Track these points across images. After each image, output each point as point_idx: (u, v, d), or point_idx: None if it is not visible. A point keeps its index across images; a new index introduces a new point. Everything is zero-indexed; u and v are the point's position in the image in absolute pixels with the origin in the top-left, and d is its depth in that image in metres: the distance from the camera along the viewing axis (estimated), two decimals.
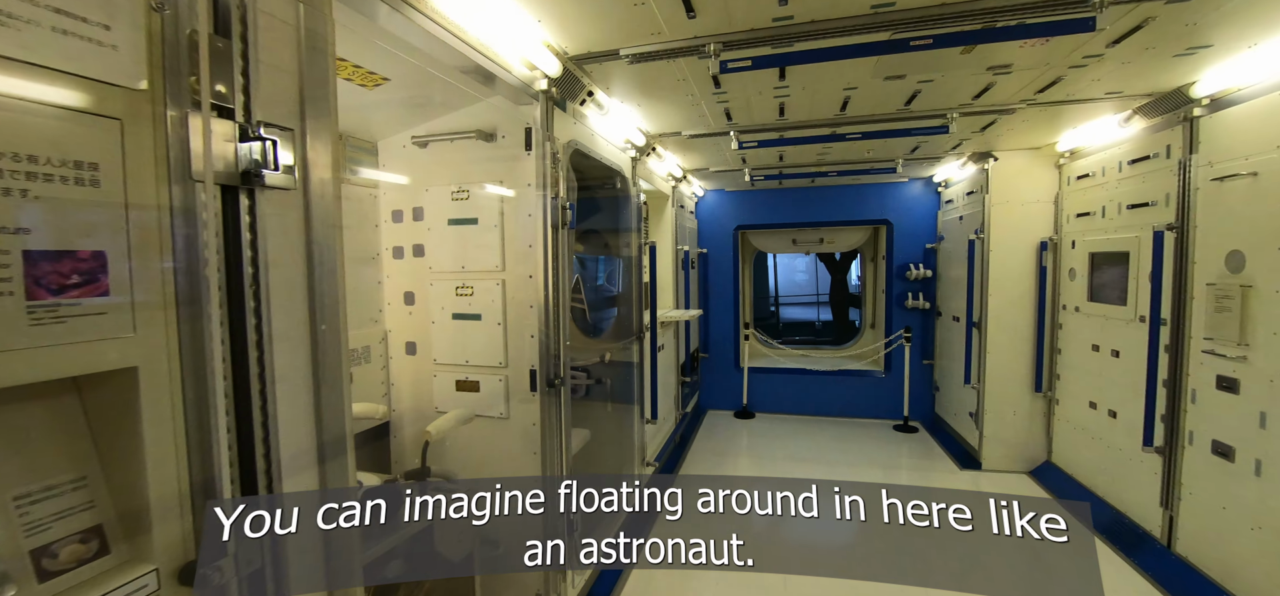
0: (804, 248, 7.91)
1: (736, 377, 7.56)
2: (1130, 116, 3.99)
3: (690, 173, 6.00)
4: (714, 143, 4.48)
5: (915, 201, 6.96)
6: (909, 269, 6.94)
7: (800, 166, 5.72)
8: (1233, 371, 3.19)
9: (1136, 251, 4.03)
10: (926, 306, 6.91)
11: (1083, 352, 4.72)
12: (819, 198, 7.19)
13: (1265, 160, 2.98)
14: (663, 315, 5.22)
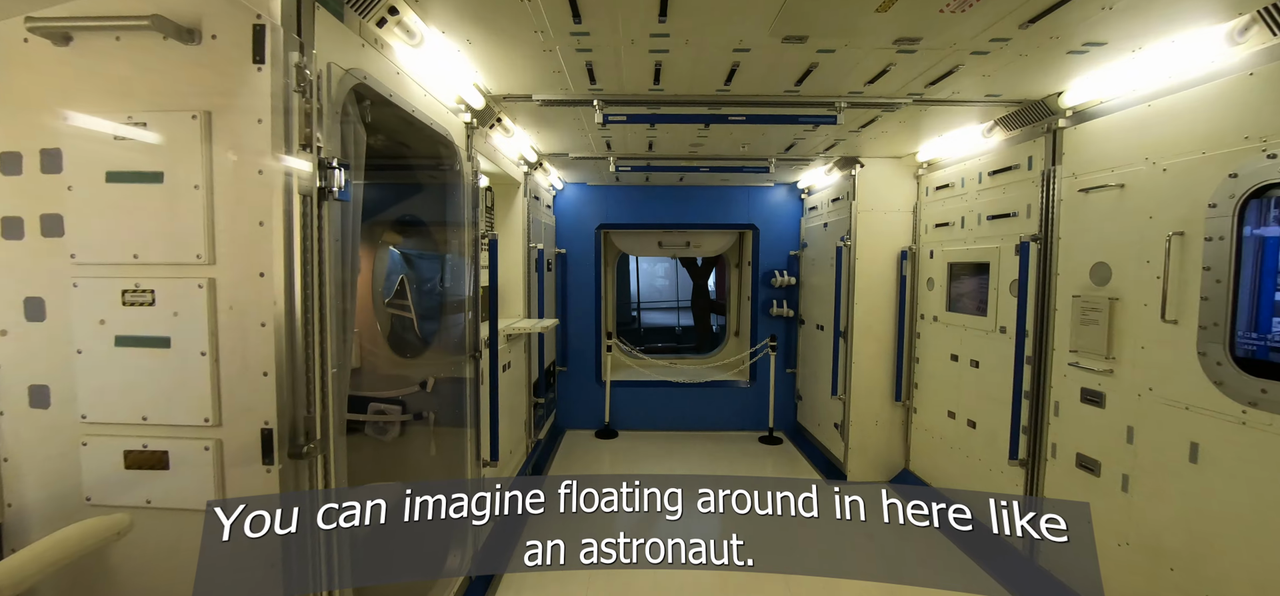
0: (670, 251, 7.43)
1: (598, 393, 6.83)
2: (992, 127, 3.95)
3: (547, 158, 5.13)
4: (574, 116, 3.67)
5: (780, 207, 6.81)
6: (774, 275, 6.76)
7: (671, 158, 5.15)
8: (1098, 384, 3.14)
9: (997, 262, 4.00)
10: (790, 314, 6.78)
11: (941, 362, 4.70)
12: (687, 198, 6.74)
13: (1132, 172, 2.93)
14: (510, 326, 4.29)
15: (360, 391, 3.30)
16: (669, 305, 17.56)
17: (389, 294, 3.86)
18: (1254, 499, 2.38)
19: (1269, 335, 2.32)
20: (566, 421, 6.89)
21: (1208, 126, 2.55)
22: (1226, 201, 2.45)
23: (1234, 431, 2.45)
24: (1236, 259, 2.42)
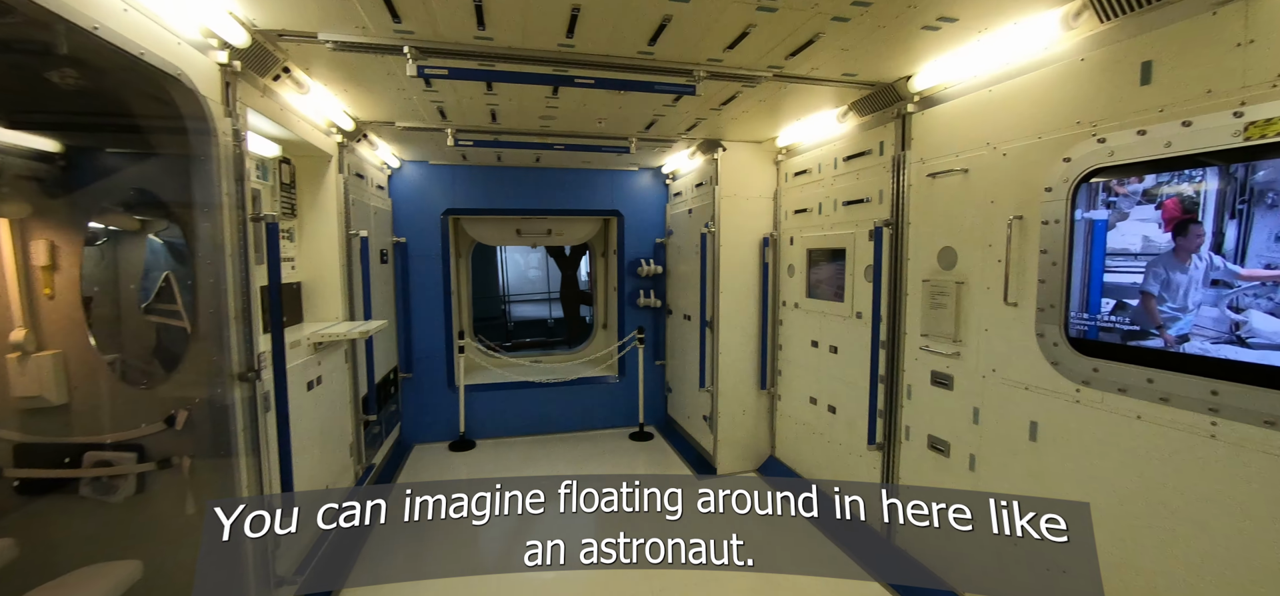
0: (531, 239, 6.83)
1: (451, 400, 6.07)
2: (846, 112, 3.93)
3: (369, 127, 4.28)
4: (385, 69, 2.96)
5: (645, 193, 6.52)
6: (640, 265, 6.47)
7: (521, 133, 4.56)
8: (947, 367, 3.18)
9: (853, 247, 4.01)
10: (658, 304, 6.55)
11: (803, 348, 4.70)
12: (546, 182, 6.19)
13: (976, 157, 2.96)
14: (321, 332, 3.45)
15: (69, 437, 2.36)
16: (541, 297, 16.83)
17: (148, 297, 2.87)
18: (1086, 474, 2.46)
19: (1099, 315, 2.38)
20: (414, 435, 6.04)
21: (1044, 111, 2.60)
22: (1061, 185, 2.50)
23: (1069, 409, 2.52)
24: (1070, 242, 2.48)
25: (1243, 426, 1.94)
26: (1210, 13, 2.01)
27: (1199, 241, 2.05)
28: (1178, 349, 2.13)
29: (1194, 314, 2.08)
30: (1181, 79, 2.09)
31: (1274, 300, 1.88)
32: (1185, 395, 2.08)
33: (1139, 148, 2.20)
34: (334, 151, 3.89)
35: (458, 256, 6.73)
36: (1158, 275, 2.18)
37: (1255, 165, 1.91)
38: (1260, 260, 1.91)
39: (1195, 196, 2.08)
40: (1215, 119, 1.98)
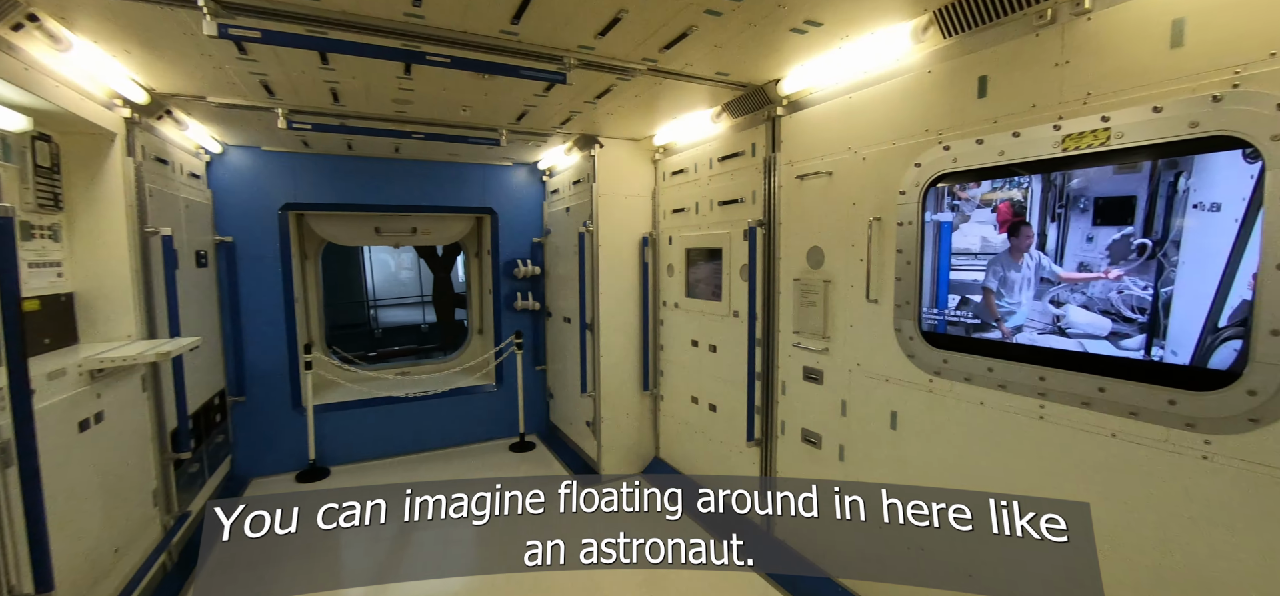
0: (392, 239, 6.18)
1: (298, 423, 5.28)
2: (720, 113, 3.95)
3: (171, 102, 3.52)
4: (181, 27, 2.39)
5: (521, 190, 6.18)
6: (517, 265, 6.13)
7: (372, 118, 4.04)
8: (817, 363, 3.30)
9: (729, 247, 4.05)
10: (537, 307, 6.25)
11: (683, 348, 4.70)
12: (410, 175, 5.61)
13: (839, 160, 3.08)
14: (101, 356, 2.74)
15: None
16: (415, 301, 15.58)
17: None
18: (936, 457, 2.64)
19: (947, 310, 2.56)
20: (250, 468, 5.17)
21: (897, 119, 2.75)
22: (913, 189, 2.65)
23: (923, 398, 2.69)
24: (922, 242, 2.64)
25: (1064, 407, 2.16)
26: (1033, 34, 2.22)
27: (1029, 241, 2.26)
28: (1013, 340, 2.34)
29: (1027, 308, 2.29)
30: (1011, 94, 2.29)
31: (1086, 295, 2.10)
32: (1019, 381, 2.29)
33: (977, 155, 2.38)
34: (119, 129, 3.12)
35: (303, 258, 5.90)
36: (996, 273, 2.38)
37: (1071, 173, 2.13)
38: (1075, 259, 2.13)
39: (1024, 201, 2.29)
40: (1039, 131, 2.18)
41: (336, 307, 13.67)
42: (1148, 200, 1.95)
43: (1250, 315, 1.70)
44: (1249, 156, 1.71)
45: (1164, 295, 1.91)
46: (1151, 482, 1.94)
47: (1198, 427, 1.81)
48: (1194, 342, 1.84)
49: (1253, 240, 1.71)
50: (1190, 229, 1.84)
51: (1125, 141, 1.95)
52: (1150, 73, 1.90)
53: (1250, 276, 1.72)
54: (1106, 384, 2.02)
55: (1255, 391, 1.69)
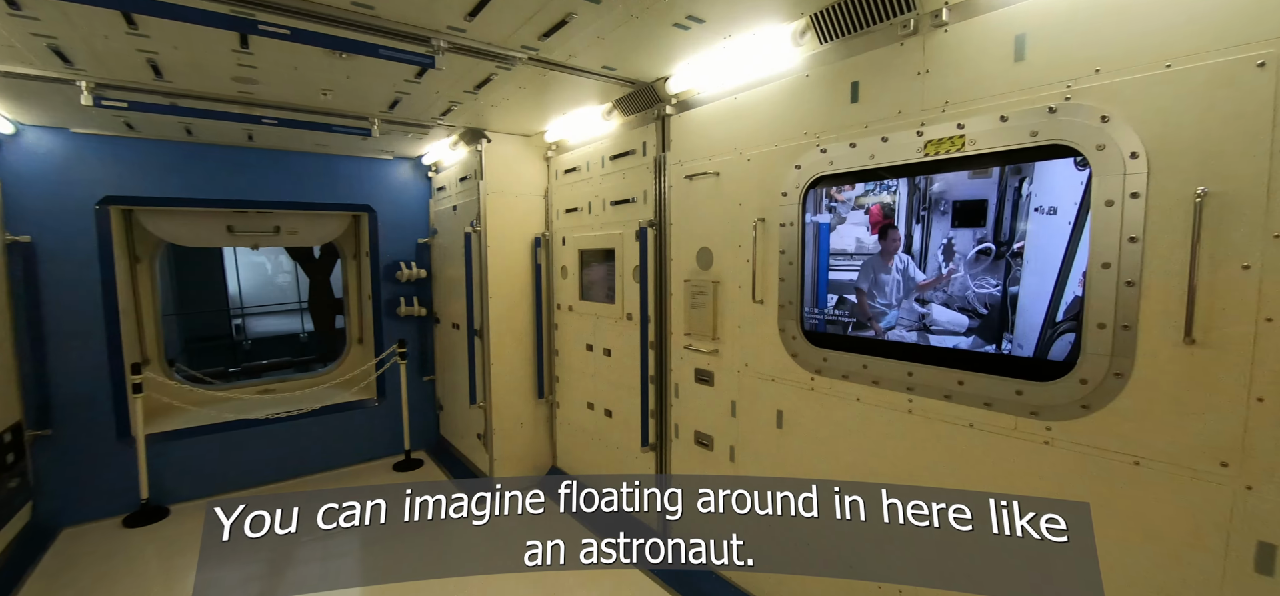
0: (249, 239, 5.45)
1: (126, 457, 4.49)
2: (611, 110, 3.84)
3: None
4: None
5: (405, 187, 5.71)
6: (400, 268, 5.65)
7: (212, 98, 3.49)
8: (708, 365, 3.28)
9: (621, 248, 3.95)
10: (423, 313, 5.80)
11: (578, 353, 4.54)
12: (266, 165, 4.98)
13: (726, 161, 3.07)
14: None
15: None
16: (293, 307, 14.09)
17: None
18: (821, 454, 2.70)
19: (826, 310, 2.61)
20: (60, 515, 4.31)
21: (779, 121, 2.77)
22: (794, 191, 2.69)
23: (806, 396, 2.73)
24: (803, 242, 2.68)
25: (929, 400, 2.26)
26: (898, 43, 2.30)
27: (896, 245, 2.35)
28: (885, 338, 2.42)
29: (896, 308, 2.38)
30: (880, 100, 2.37)
31: (947, 293, 2.21)
32: (891, 377, 2.37)
33: (851, 158, 2.45)
34: None
35: (133, 261, 5.04)
36: (868, 275, 2.45)
37: (932, 178, 2.23)
38: (937, 260, 2.24)
39: (893, 204, 2.37)
40: (904, 136, 2.27)
41: (194, 318, 12.01)
42: (997, 204, 2.08)
43: (1081, 310, 1.85)
44: (1080, 164, 1.86)
45: (1012, 293, 2.04)
46: (1005, 467, 2.07)
47: (1041, 415, 1.95)
48: (1036, 336, 1.98)
49: (1083, 241, 1.86)
50: (1032, 231, 1.98)
51: (978, 148, 2.06)
52: (997, 84, 2.03)
53: (1081, 275, 1.86)
54: (965, 377, 2.14)
55: (1086, 380, 1.84)
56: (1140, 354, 1.74)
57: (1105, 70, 1.78)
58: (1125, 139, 1.74)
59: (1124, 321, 1.75)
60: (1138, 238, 1.72)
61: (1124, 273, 1.75)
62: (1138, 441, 1.75)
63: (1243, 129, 1.55)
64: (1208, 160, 1.61)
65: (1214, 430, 1.62)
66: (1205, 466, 1.64)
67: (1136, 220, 1.72)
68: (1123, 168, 1.74)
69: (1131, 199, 1.73)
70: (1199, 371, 1.64)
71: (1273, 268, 1.52)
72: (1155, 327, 1.71)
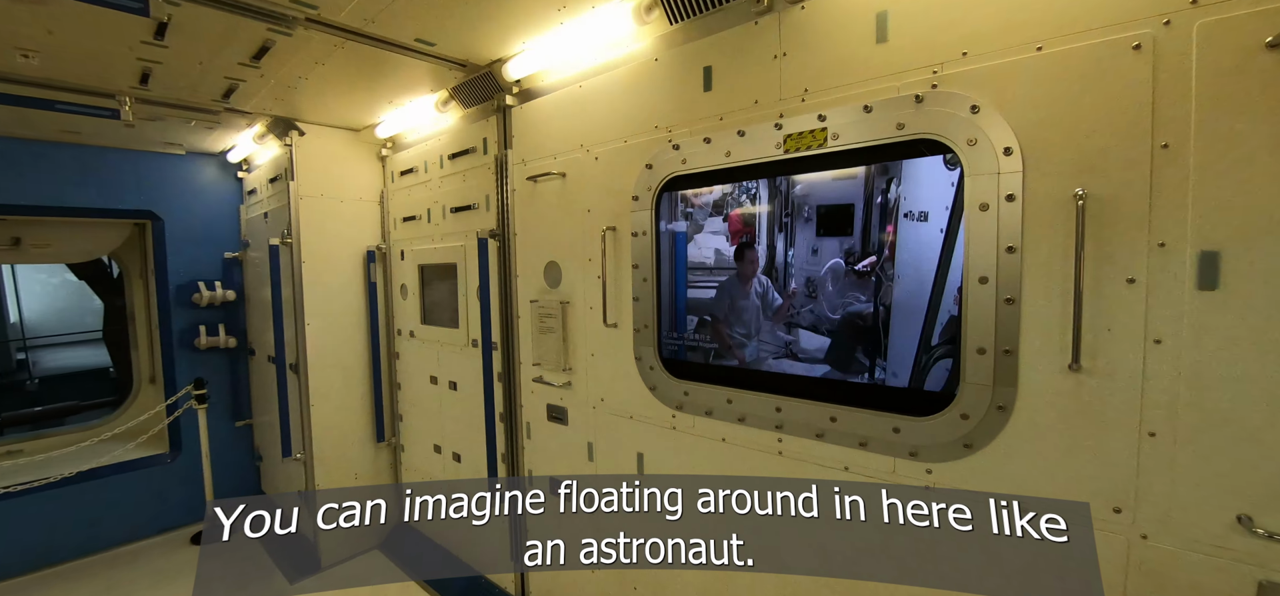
0: None
1: None
2: (448, 101, 3.24)
3: None
4: None
5: (205, 190, 4.64)
6: (198, 290, 4.57)
7: None
8: (561, 400, 2.77)
9: (464, 263, 3.34)
10: (232, 344, 4.74)
11: (423, 386, 3.84)
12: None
13: (571, 160, 2.60)
14: None
15: None
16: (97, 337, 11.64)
17: None
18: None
19: (686, 334, 2.22)
20: None
21: (627, 113, 2.35)
22: (645, 194, 2.27)
23: (667, 436, 2.31)
24: (657, 255, 2.27)
25: (800, 440, 1.92)
26: (753, 22, 1.96)
27: (755, 266, 2.00)
28: (749, 366, 2.06)
29: (756, 337, 2.02)
30: (735, 87, 2.01)
31: (814, 313, 1.89)
32: (758, 413, 2.01)
33: (706, 155, 2.07)
34: None
35: None
36: (724, 300, 2.08)
37: (795, 179, 1.91)
38: (803, 273, 1.91)
39: (754, 211, 2.02)
40: (763, 130, 1.92)
41: None
42: (864, 209, 1.78)
43: (959, 332, 1.57)
44: (949, 162, 1.59)
45: (883, 311, 1.75)
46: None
47: (920, 456, 1.66)
48: (910, 363, 1.70)
49: (956, 251, 1.59)
50: (903, 240, 1.70)
51: (841, 143, 1.75)
52: (859, 69, 1.73)
53: (956, 291, 1.60)
54: (838, 413, 1.81)
55: (968, 415, 1.56)
56: (1023, 383, 1.48)
57: (973, 53, 1.53)
58: (997, 132, 1.48)
59: (1005, 345, 1.49)
60: (1016, 247, 1.47)
61: (1002, 288, 1.49)
62: (1026, 485, 1.50)
63: (1120, 121, 1.34)
64: (1085, 157, 1.38)
65: (1105, 471, 1.39)
66: (1097, 513, 1.40)
67: (1014, 227, 1.47)
68: (996, 166, 1.48)
69: (1007, 202, 1.47)
70: (1086, 402, 1.40)
71: (1159, 281, 1.31)
72: (1038, 352, 1.46)
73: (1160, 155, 1.30)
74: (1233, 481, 1.25)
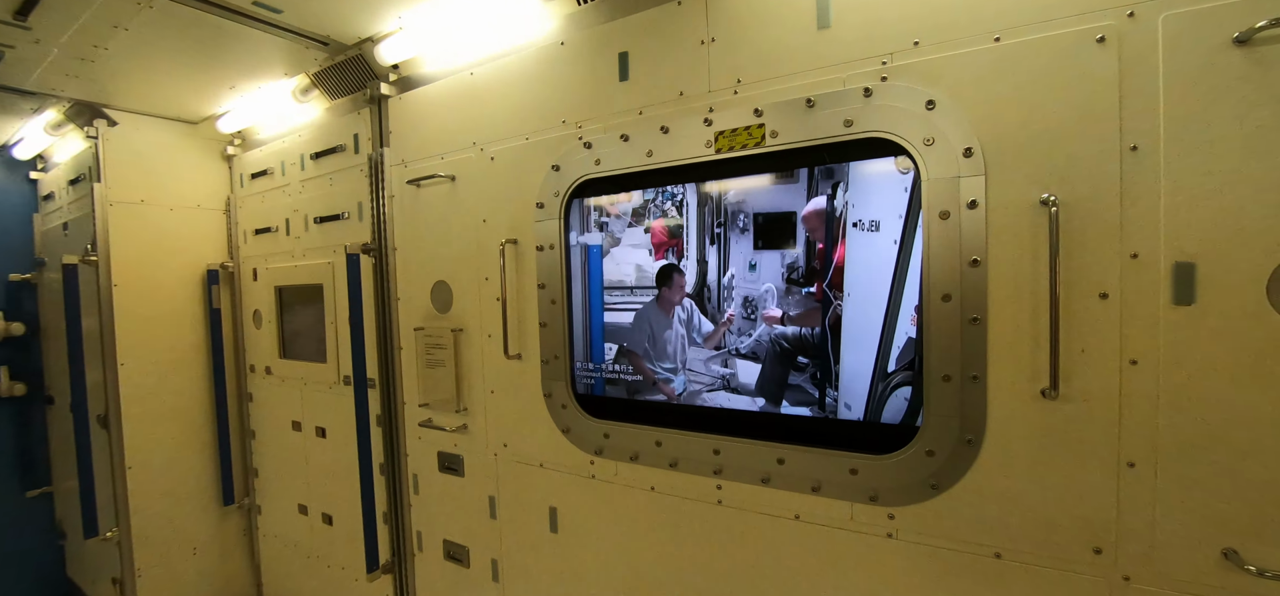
0: None
1: None
2: (309, 87, 2.69)
3: None
4: None
5: None
6: None
7: None
8: (454, 446, 2.32)
9: (332, 284, 2.78)
10: (20, 391, 3.71)
11: (283, 433, 3.18)
12: None
13: (462, 160, 2.19)
14: None
15: None
16: None
17: None
18: (606, 563, 1.94)
19: (604, 366, 1.89)
20: None
21: (530, 105, 1.99)
22: (553, 200, 1.92)
23: (586, 487, 1.96)
24: (568, 272, 1.92)
25: (743, 486, 1.65)
26: (675, 2, 1.69)
27: (681, 292, 1.72)
28: (680, 402, 1.77)
29: (683, 369, 1.74)
30: (656, 77, 1.73)
31: (754, 338, 1.64)
32: (693, 457, 1.72)
33: (623, 155, 1.76)
34: None
35: None
36: (642, 330, 1.79)
37: (727, 184, 1.65)
38: (739, 292, 1.66)
39: (680, 218, 1.75)
40: (689, 125, 1.65)
41: None
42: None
43: (919, 357, 1.38)
44: (903, 165, 1.41)
45: (829, 335, 1.53)
46: (842, 571, 1.53)
47: (881, 499, 1.45)
48: (865, 392, 1.49)
49: (912, 265, 1.41)
50: (852, 253, 1.49)
51: (781, 142, 1.52)
52: (800, 58, 1.51)
53: (913, 310, 1.41)
54: (786, 453, 1.57)
55: (934, 451, 1.37)
56: (993, 413, 1.31)
57: (926, 43, 1.35)
58: (956, 131, 1.31)
59: (972, 371, 1.32)
60: (980, 260, 1.30)
61: (967, 307, 1.31)
62: (998, 527, 1.33)
63: (1086, 121, 1.20)
64: (1050, 159, 1.23)
65: (1083, 507, 1.24)
66: (1077, 554, 1.25)
67: (977, 237, 1.30)
68: (956, 168, 1.31)
69: (969, 209, 1.30)
70: (1060, 432, 1.25)
71: (1134, 296, 1.18)
72: (1007, 377, 1.29)
73: (1129, 158, 1.17)
74: (1217, 513, 1.14)
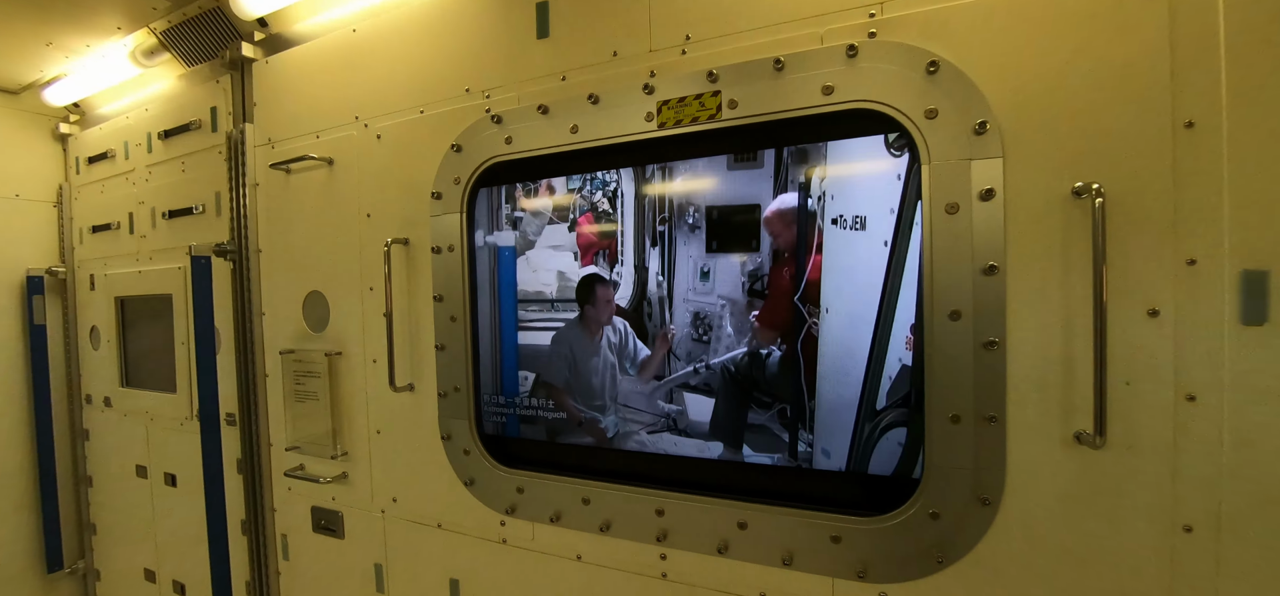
0: None
1: None
2: (156, 48, 2.15)
3: None
4: None
5: None
6: None
7: None
8: (332, 501, 1.84)
9: (183, 292, 2.23)
10: None
11: (125, 480, 2.56)
12: None
13: (341, 139, 1.74)
14: None
15: None
16: None
17: None
18: None
19: (518, 399, 1.48)
20: None
21: (425, 69, 1.57)
22: (453, 189, 1.51)
23: (496, 553, 1.54)
24: (472, 280, 1.51)
25: (693, 556, 1.30)
26: None
27: (610, 308, 1.36)
28: (613, 446, 1.40)
29: (614, 407, 1.37)
30: (583, 34, 1.36)
31: (705, 367, 1.29)
32: (629, 517, 1.35)
33: (542, 132, 1.38)
34: None
35: None
36: (563, 358, 1.41)
37: (674, 167, 1.30)
38: (689, 306, 1.31)
39: (613, 214, 1.38)
40: (626, 94, 1.29)
41: None
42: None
43: (918, 390, 1.08)
44: (895, 145, 1.10)
45: (802, 361, 1.21)
46: None
47: (871, 575, 1.13)
48: (848, 436, 1.17)
49: (907, 272, 1.10)
50: (831, 257, 1.17)
51: (741, 114, 1.19)
52: (765, 9, 1.19)
53: (908, 330, 1.10)
54: (748, 515, 1.22)
55: (938, 514, 1.06)
56: (1013, 463, 1.02)
57: None
58: (966, 101, 1.02)
59: (988, 410, 1.02)
60: (998, 266, 1.01)
61: (981, 327, 1.02)
62: None
63: (1128, 87, 0.93)
64: (1086, 138, 0.96)
65: (1130, 583, 0.96)
66: None
67: (994, 237, 1.01)
68: (967, 149, 1.02)
69: (983, 201, 1.01)
70: (1099, 488, 0.97)
71: (1191, 314, 0.92)
72: (1032, 418, 1.00)
73: (1183, 137, 0.91)
74: None
